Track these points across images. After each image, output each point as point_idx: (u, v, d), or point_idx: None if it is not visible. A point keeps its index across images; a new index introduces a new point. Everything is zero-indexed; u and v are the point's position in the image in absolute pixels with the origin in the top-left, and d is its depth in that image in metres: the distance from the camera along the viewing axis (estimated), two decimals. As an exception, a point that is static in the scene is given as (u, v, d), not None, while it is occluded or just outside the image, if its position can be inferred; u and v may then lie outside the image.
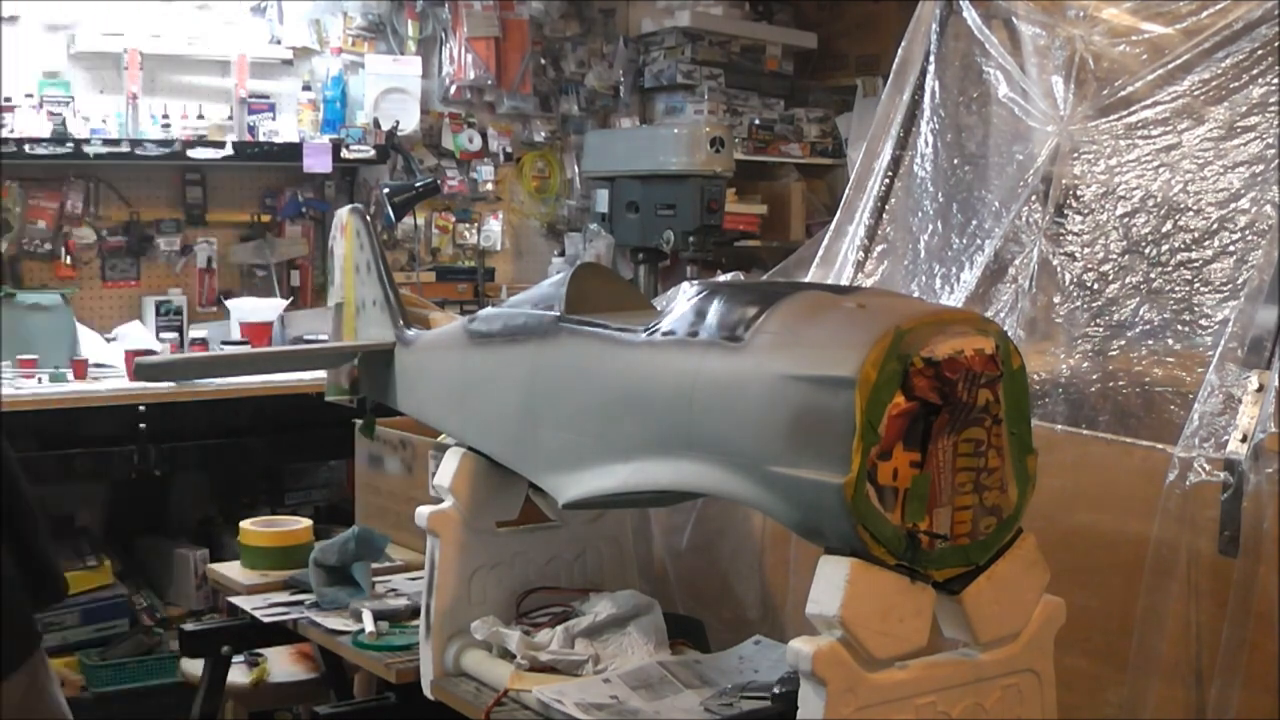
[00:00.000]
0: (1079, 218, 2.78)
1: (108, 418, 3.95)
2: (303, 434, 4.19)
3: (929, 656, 1.74)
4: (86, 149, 4.36)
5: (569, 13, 5.65)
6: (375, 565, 2.82)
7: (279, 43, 4.90)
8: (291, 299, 4.82)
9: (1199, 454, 2.12)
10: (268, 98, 4.83)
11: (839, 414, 1.61)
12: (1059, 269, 2.76)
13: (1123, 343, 2.57)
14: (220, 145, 4.59)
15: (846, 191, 3.26)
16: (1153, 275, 2.58)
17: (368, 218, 2.89)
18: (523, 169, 5.61)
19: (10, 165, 4.35)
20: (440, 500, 2.37)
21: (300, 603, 2.74)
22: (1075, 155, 2.81)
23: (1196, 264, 2.52)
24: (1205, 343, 2.40)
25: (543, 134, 5.61)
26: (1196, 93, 2.62)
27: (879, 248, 3.11)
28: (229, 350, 4.31)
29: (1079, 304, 2.69)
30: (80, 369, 4.10)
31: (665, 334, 1.91)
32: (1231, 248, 2.48)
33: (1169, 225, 2.60)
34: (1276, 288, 2.24)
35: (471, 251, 5.45)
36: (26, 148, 4.28)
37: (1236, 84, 2.57)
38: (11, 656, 1.93)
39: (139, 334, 4.44)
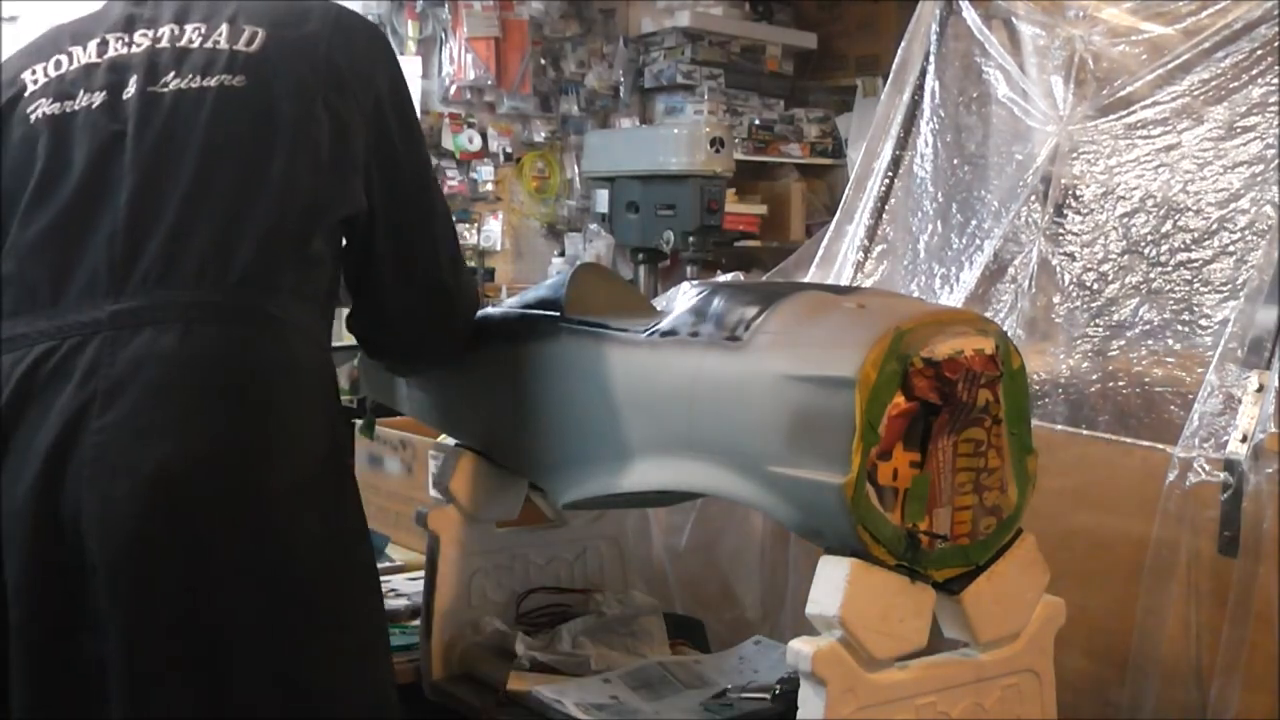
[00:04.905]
0: (1078, 218, 2.78)
1: (108, 418, 3.94)
2: (303, 434, 4.18)
3: (929, 656, 1.74)
4: (86, 149, 4.36)
5: (569, 13, 5.65)
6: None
7: (279, 43, 4.90)
8: (292, 299, 4.81)
9: (1199, 454, 2.12)
10: (268, 98, 4.82)
11: (839, 414, 1.61)
12: (1058, 269, 2.75)
13: (1123, 343, 2.57)
14: (220, 145, 4.58)
15: (846, 192, 3.26)
16: (1153, 275, 2.58)
17: (368, 218, 2.88)
18: (523, 169, 5.60)
19: (10, 165, 4.34)
20: (440, 500, 2.37)
21: (300, 603, 2.74)
22: (1075, 155, 2.81)
23: (1196, 264, 2.52)
24: (1205, 343, 2.40)
25: (543, 134, 5.61)
26: (1196, 93, 2.62)
27: (879, 248, 3.11)
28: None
29: (1079, 304, 2.69)
30: (80, 369, 4.09)
31: (665, 334, 1.91)
32: (1231, 248, 2.48)
33: (1169, 225, 2.60)
34: (1276, 288, 2.24)
35: (471, 252, 5.45)
36: (26, 148, 4.27)
37: (1236, 84, 2.57)
38: None
39: (139, 334, 4.43)
